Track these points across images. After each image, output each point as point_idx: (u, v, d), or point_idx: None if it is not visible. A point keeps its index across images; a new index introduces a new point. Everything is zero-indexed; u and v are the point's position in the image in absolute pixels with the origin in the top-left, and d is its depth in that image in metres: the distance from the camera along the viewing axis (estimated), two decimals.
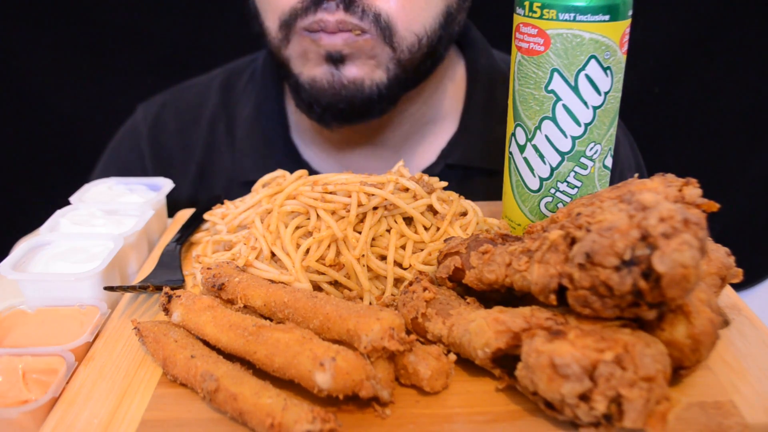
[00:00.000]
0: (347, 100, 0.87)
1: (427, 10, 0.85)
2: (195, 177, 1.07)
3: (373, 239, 0.68)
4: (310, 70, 0.87)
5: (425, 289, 0.59)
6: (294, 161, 1.02)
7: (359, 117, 0.91)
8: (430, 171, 1.00)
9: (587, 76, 0.64)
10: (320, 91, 0.87)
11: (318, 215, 0.68)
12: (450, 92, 1.03)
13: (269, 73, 1.06)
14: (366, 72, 0.86)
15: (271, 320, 0.57)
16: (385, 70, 0.87)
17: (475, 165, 1.00)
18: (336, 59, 0.85)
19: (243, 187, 0.99)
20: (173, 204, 0.89)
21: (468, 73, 1.05)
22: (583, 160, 0.68)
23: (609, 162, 0.70)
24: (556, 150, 0.68)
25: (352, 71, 0.85)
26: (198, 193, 1.07)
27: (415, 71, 0.90)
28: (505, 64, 1.06)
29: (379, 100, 0.89)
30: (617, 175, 1.03)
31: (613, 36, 0.63)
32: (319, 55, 0.85)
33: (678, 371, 0.51)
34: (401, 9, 0.83)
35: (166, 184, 0.87)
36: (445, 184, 0.76)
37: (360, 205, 0.67)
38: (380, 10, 0.82)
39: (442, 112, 1.02)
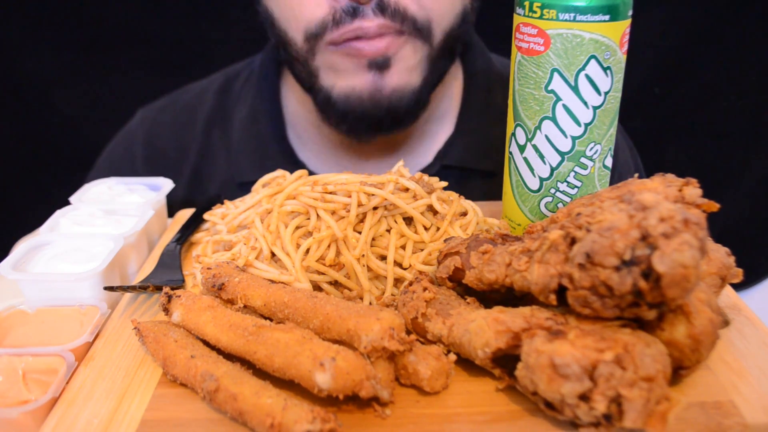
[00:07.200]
0: (389, 108, 0.87)
1: (451, 10, 0.87)
2: (190, 178, 1.08)
3: (373, 239, 0.68)
4: (347, 80, 0.85)
5: (425, 289, 0.59)
6: (290, 162, 1.02)
7: (395, 126, 0.91)
8: (426, 171, 1.00)
9: (587, 76, 0.64)
10: (357, 103, 0.86)
11: (318, 215, 0.68)
12: (448, 94, 1.03)
13: (266, 74, 1.06)
14: (405, 79, 0.86)
15: (271, 320, 0.57)
16: (420, 72, 0.87)
17: (471, 166, 1.01)
18: (381, 65, 0.84)
19: (239, 188, 0.99)
20: (167, 205, 0.89)
21: (465, 75, 1.05)
22: (583, 160, 0.68)
23: (609, 162, 0.70)
24: (556, 150, 0.68)
25: (395, 79, 0.85)
26: (193, 195, 1.07)
27: (438, 70, 0.91)
28: (502, 66, 1.06)
29: (416, 106, 0.89)
30: (616, 178, 1.03)
31: (613, 36, 0.63)
32: (358, 64, 0.84)
33: (678, 371, 0.51)
34: (432, 10, 0.83)
35: (166, 184, 0.87)
36: (445, 184, 0.76)
37: (360, 205, 0.67)
38: (414, 12, 0.82)
39: (440, 113, 1.03)
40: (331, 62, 0.85)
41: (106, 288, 0.66)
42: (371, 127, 0.90)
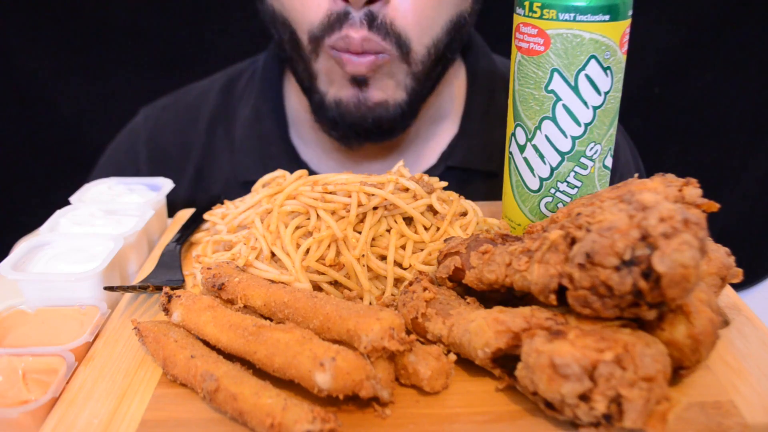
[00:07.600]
0: (374, 120, 0.89)
1: (437, 21, 0.86)
2: (192, 178, 1.08)
3: (373, 239, 0.68)
4: (336, 92, 0.88)
5: (425, 289, 0.59)
6: (293, 161, 1.02)
7: (384, 136, 0.93)
8: (430, 173, 1.00)
9: (587, 76, 0.64)
10: (346, 112, 0.88)
11: (318, 215, 0.68)
12: (451, 95, 1.03)
13: (269, 74, 1.06)
14: (389, 94, 0.88)
15: (271, 320, 0.57)
16: (404, 88, 0.88)
17: (474, 167, 1.01)
18: (360, 81, 0.86)
19: (242, 188, 0.99)
20: (170, 205, 0.89)
21: (468, 76, 1.05)
22: (583, 160, 0.68)
23: (609, 162, 0.70)
24: (556, 150, 0.68)
25: (376, 95, 0.87)
26: (195, 195, 1.07)
27: (427, 79, 0.91)
28: (505, 67, 1.06)
29: (402, 118, 0.91)
30: (617, 178, 1.03)
31: (613, 36, 0.63)
32: (343, 77, 0.86)
33: (678, 371, 0.51)
34: (416, 24, 0.84)
35: (166, 184, 0.87)
36: (445, 183, 0.77)
37: (360, 205, 0.67)
38: (399, 28, 0.82)
39: (443, 114, 1.03)
40: (328, 68, 0.87)
41: (106, 288, 0.66)
42: (360, 135, 0.92)
